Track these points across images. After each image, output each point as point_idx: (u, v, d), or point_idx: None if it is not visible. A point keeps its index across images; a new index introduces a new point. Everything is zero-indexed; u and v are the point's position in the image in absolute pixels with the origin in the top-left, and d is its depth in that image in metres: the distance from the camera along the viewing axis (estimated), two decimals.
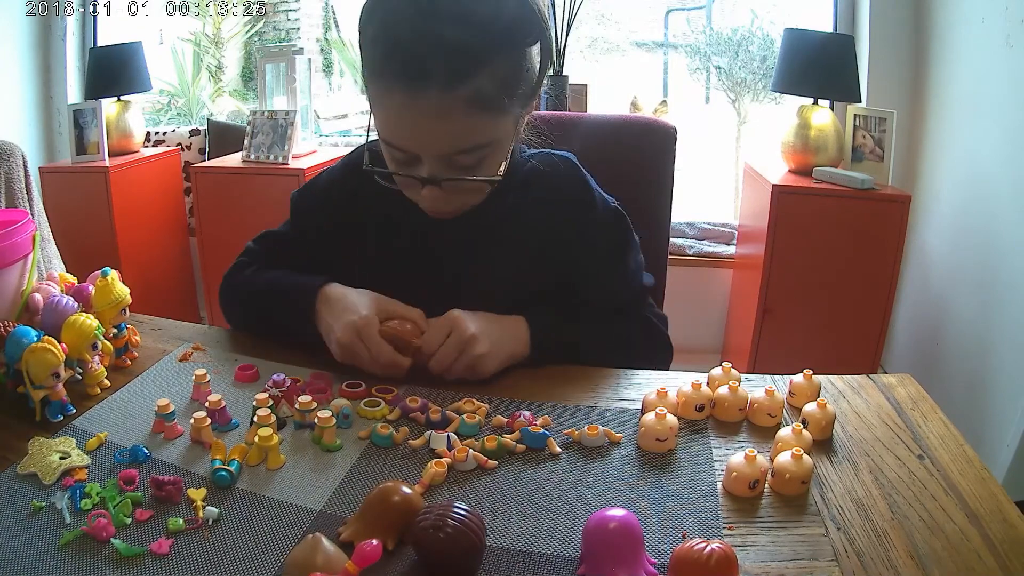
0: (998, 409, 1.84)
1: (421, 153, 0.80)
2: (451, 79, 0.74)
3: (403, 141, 0.80)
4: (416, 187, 0.84)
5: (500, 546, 0.57)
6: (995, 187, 1.93)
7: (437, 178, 0.81)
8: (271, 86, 2.55)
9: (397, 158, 0.83)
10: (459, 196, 0.85)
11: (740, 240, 2.56)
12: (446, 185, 0.82)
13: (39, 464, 0.65)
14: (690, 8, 2.99)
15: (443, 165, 0.81)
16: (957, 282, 2.09)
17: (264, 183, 2.35)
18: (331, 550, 0.51)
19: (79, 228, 2.48)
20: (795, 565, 0.55)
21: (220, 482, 0.63)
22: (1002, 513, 0.60)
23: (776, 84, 2.23)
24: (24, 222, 0.84)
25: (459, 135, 0.79)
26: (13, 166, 1.94)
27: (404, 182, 0.86)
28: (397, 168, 0.84)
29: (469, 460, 0.66)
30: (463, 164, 0.81)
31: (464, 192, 0.85)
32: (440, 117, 0.76)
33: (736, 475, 0.63)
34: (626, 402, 0.79)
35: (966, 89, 2.08)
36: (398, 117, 0.78)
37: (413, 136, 0.79)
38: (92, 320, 0.78)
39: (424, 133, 0.78)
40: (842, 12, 2.45)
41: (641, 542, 0.54)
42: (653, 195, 1.24)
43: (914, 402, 0.79)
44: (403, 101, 0.76)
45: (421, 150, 0.80)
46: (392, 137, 0.81)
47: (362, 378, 0.82)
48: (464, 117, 0.77)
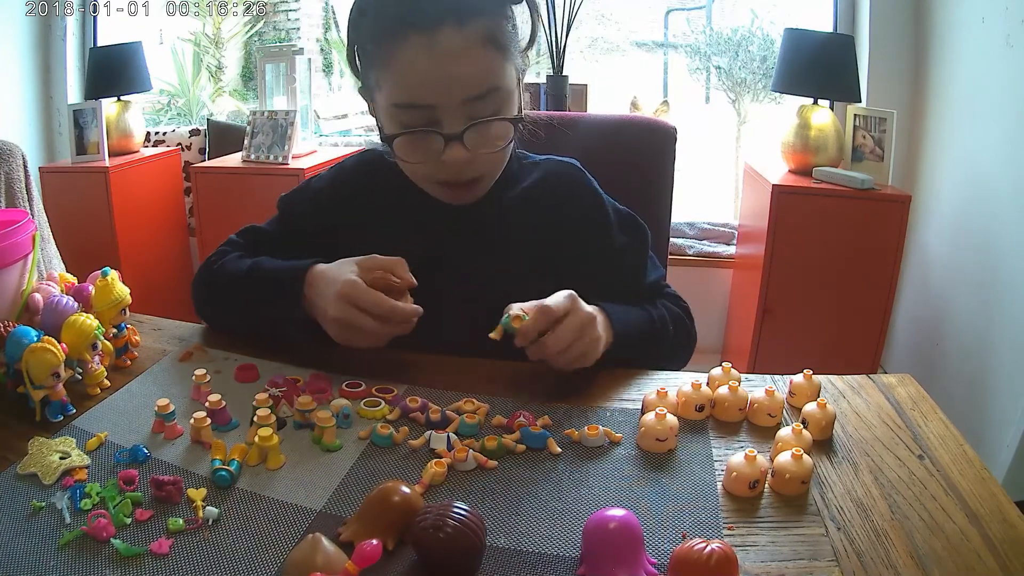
0: (998, 409, 1.84)
1: (440, 102, 0.81)
2: (463, 15, 0.79)
3: (423, 92, 0.81)
4: (437, 157, 0.84)
5: (500, 546, 0.57)
6: (995, 187, 1.93)
7: (459, 131, 0.82)
8: (271, 86, 2.55)
9: (415, 121, 0.83)
10: (481, 160, 0.86)
11: (740, 240, 2.56)
12: (468, 137, 0.82)
13: (39, 464, 0.65)
14: (690, 8, 2.99)
15: (462, 118, 0.82)
16: (957, 282, 2.09)
17: (264, 183, 2.35)
18: (331, 550, 0.51)
19: (79, 228, 2.49)
20: (795, 565, 0.55)
21: (220, 482, 0.63)
22: (1002, 513, 0.60)
23: (776, 84, 2.23)
24: (24, 222, 0.84)
25: (476, 75, 0.81)
26: (13, 166, 1.94)
27: (420, 156, 0.85)
28: (414, 138, 0.84)
29: (469, 460, 0.66)
30: (481, 113, 0.83)
31: (488, 150, 0.85)
32: (458, 55, 0.79)
33: (736, 475, 0.63)
34: (626, 402, 0.79)
35: (966, 89, 2.08)
36: (416, 66, 0.80)
37: (433, 82, 0.80)
38: (92, 320, 0.78)
39: (443, 77, 0.80)
40: (842, 12, 2.45)
41: (641, 542, 0.54)
42: (653, 195, 1.24)
43: (914, 402, 0.79)
44: (420, 46, 0.79)
45: (441, 98, 0.81)
46: (411, 92, 0.82)
47: (362, 378, 0.82)
48: (479, 54, 0.81)
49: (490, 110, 0.83)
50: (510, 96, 0.85)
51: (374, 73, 0.85)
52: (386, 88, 0.83)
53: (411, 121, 0.83)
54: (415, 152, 0.86)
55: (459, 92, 0.81)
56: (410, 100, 0.82)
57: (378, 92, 0.86)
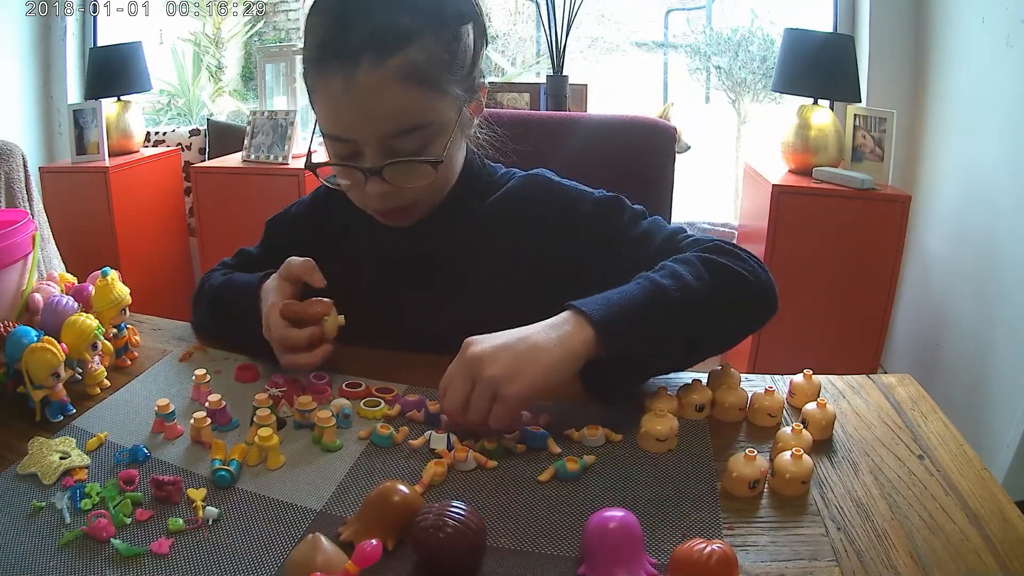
0: (998, 409, 1.84)
1: (360, 139, 0.79)
2: (380, 52, 0.75)
3: (343, 127, 0.80)
4: (361, 187, 0.82)
5: (500, 546, 0.57)
6: (995, 187, 1.93)
7: (377, 167, 0.79)
8: (271, 86, 2.55)
9: (340, 153, 0.82)
10: (405, 191, 0.82)
11: (740, 240, 2.56)
12: (388, 173, 0.80)
13: (39, 464, 0.65)
14: (690, 8, 3.00)
15: (384, 153, 0.80)
16: (957, 282, 2.09)
17: (264, 183, 2.35)
18: (331, 550, 0.51)
19: (79, 228, 2.49)
20: (795, 565, 0.55)
21: (220, 482, 0.63)
22: (1002, 513, 0.60)
23: (776, 84, 2.23)
24: (24, 222, 0.84)
25: (395, 113, 0.78)
26: (13, 166, 1.94)
27: (350, 183, 0.84)
28: (340, 169, 0.84)
29: (469, 460, 0.66)
30: (404, 150, 0.80)
31: (409, 186, 0.82)
32: (374, 93, 0.76)
33: (736, 475, 0.63)
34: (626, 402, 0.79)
35: (966, 89, 2.08)
36: (335, 102, 0.78)
37: (351, 120, 0.78)
38: (92, 320, 0.78)
39: (361, 115, 0.78)
40: (842, 12, 2.45)
41: (641, 542, 0.54)
42: (653, 195, 1.24)
43: (914, 402, 0.79)
44: (339, 84, 0.76)
45: (360, 134, 0.79)
46: (332, 126, 0.80)
47: (362, 378, 0.82)
48: (398, 92, 0.77)
49: (413, 147, 0.80)
50: (441, 130, 0.82)
51: (310, 89, 0.83)
52: (317, 115, 0.83)
53: (338, 151, 0.82)
54: (343, 181, 0.85)
55: (375, 130, 0.78)
56: (332, 132, 0.81)
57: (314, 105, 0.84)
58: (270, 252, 1.01)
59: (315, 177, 0.89)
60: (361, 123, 0.78)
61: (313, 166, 0.85)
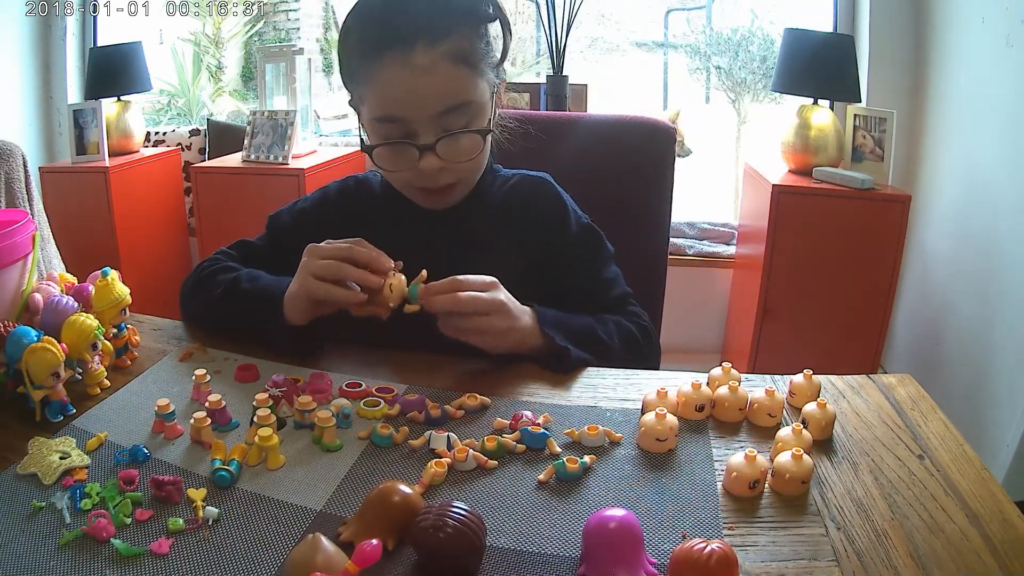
0: (998, 409, 1.84)
1: (414, 116, 0.87)
2: (433, 35, 0.85)
3: (398, 106, 0.87)
4: (414, 165, 0.89)
5: (500, 546, 0.57)
6: (995, 187, 1.93)
7: (431, 142, 0.88)
8: (271, 86, 2.55)
9: (392, 135, 0.89)
10: (455, 168, 0.91)
11: (740, 240, 2.56)
12: (442, 148, 0.88)
13: (39, 464, 0.65)
14: (690, 8, 3.00)
15: (435, 130, 0.88)
16: (957, 282, 2.09)
17: (264, 183, 2.35)
18: (331, 550, 0.51)
19: (79, 228, 2.49)
20: (795, 565, 0.55)
21: (220, 482, 0.63)
22: (1002, 513, 0.60)
23: (776, 84, 2.23)
24: (24, 222, 0.84)
25: (447, 91, 0.87)
26: (13, 166, 1.94)
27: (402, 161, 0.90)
28: (392, 149, 0.90)
29: (469, 460, 0.66)
30: (454, 125, 0.89)
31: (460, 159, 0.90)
32: (429, 72, 0.85)
33: (736, 475, 0.63)
34: (626, 402, 0.79)
35: (966, 89, 2.08)
36: (392, 83, 0.86)
37: (407, 98, 0.86)
38: (92, 320, 0.78)
39: (416, 93, 0.86)
40: (842, 12, 2.45)
41: (641, 542, 0.54)
42: (653, 195, 1.24)
43: (914, 402, 0.79)
44: (394, 65, 0.85)
45: (414, 111, 0.87)
46: (388, 106, 0.88)
47: (362, 378, 0.82)
48: (450, 70, 0.86)
49: (461, 123, 0.89)
50: (482, 109, 0.91)
51: (358, 89, 0.91)
52: (368, 103, 0.90)
53: (389, 133, 0.89)
54: (394, 161, 0.91)
55: (431, 106, 0.87)
56: (387, 114, 0.88)
57: (362, 106, 0.92)
58: (273, 242, 1.05)
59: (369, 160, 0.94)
60: (418, 100, 0.86)
61: (370, 148, 0.92)
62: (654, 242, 1.25)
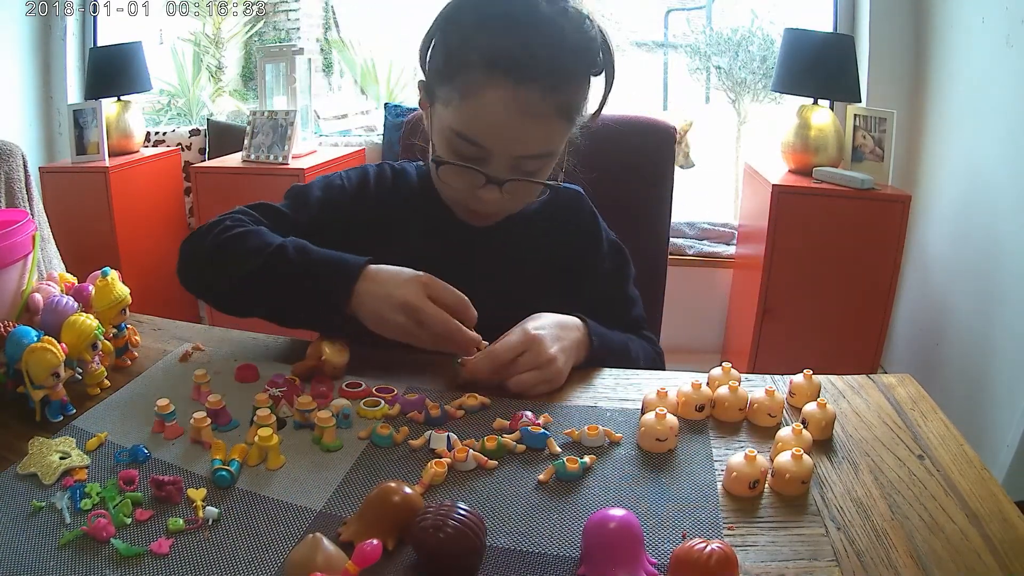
0: (998, 409, 1.84)
1: (499, 150, 0.84)
2: (554, 85, 0.82)
3: (487, 135, 0.84)
4: (473, 189, 0.87)
5: (500, 546, 0.57)
6: (995, 187, 1.93)
7: (502, 179, 0.86)
8: (271, 86, 2.55)
9: (465, 154, 0.86)
10: (511, 201, 0.90)
11: (740, 240, 2.56)
12: (508, 187, 0.86)
13: (39, 464, 0.65)
14: (690, 8, 3.00)
15: (510, 168, 0.86)
16: (957, 282, 2.09)
17: (264, 183, 2.35)
18: (331, 550, 0.51)
19: (79, 228, 2.49)
20: (795, 565, 0.55)
21: (220, 482, 0.63)
22: (1002, 513, 0.60)
23: (776, 84, 2.23)
24: (24, 222, 0.84)
25: (541, 138, 0.85)
26: (13, 166, 1.94)
27: (464, 182, 0.88)
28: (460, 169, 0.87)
29: (469, 460, 0.66)
30: (527, 169, 0.87)
31: (519, 200, 0.91)
32: (535, 116, 0.82)
33: (736, 475, 0.63)
34: (626, 402, 0.79)
35: (966, 89, 2.08)
36: (491, 110, 0.82)
37: (503, 132, 0.83)
38: (92, 320, 0.78)
39: (514, 131, 0.83)
40: (842, 12, 2.45)
41: (641, 542, 0.54)
42: (653, 195, 1.24)
43: (914, 402, 0.79)
44: (504, 95, 0.81)
45: (502, 147, 0.84)
46: (475, 130, 0.84)
47: (362, 378, 0.82)
48: (553, 123, 0.84)
49: (536, 167, 0.88)
50: (554, 158, 0.90)
51: (448, 89, 0.85)
52: (453, 111, 0.85)
53: (463, 150, 0.86)
54: (456, 179, 0.89)
55: (519, 148, 0.85)
56: (474, 136, 0.84)
57: (442, 106, 0.86)
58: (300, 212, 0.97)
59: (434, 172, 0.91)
60: (511, 138, 0.84)
61: (440, 161, 0.88)
62: (654, 242, 1.25)
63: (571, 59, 0.84)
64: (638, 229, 1.23)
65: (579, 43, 0.84)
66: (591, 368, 0.87)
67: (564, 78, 0.83)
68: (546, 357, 0.80)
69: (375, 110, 3.23)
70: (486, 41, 0.82)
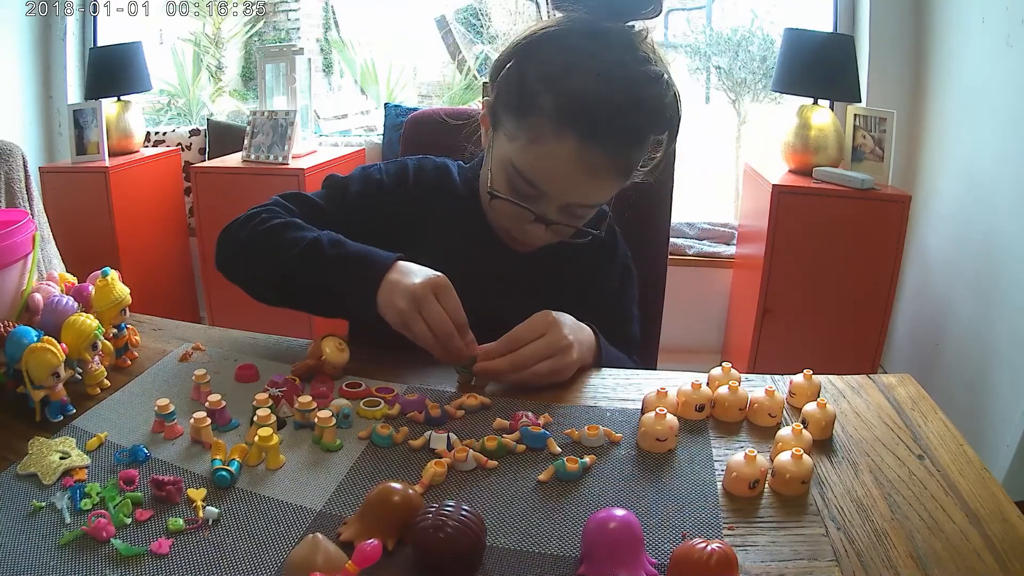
0: (998, 409, 1.84)
1: (554, 195, 0.86)
2: (618, 146, 0.83)
3: (546, 180, 0.85)
4: (521, 222, 0.89)
5: (500, 546, 0.57)
6: (995, 187, 1.93)
7: (551, 221, 0.88)
8: (271, 86, 2.55)
9: (521, 190, 0.87)
10: (553, 237, 0.92)
11: (740, 240, 2.56)
12: (555, 228, 0.89)
13: (39, 464, 0.65)
14: (690, 8, 3.00)
15: (560, 210, 0.88)
16: (957, 282, 2.09)
17: (264, 183, 2.35)
18: (331, 550, 0.51)
19: (79, 228, 2.49)
20: (795, 565, 0.55)
21: (220, 482, 0.63)
22: (1002, 513, 0.60)
23: (776, 84, 2.23)
24: (24, 222, 0.84)
25: (598, 193, 0.88)
26: (13, 166, 1.94)
27: (513, 213, 0.90)
28: (515, 196, 0.88)
29: (469, 460, 0.66)
30: (576, 214, 0.89)
31: (558, 235, 0.92)
32: (596, 175, 0.84)
33: (736, 475, 0.63)
34: (626, 402, 0.79)
35: (966, 89, 2.08)
36: (555, 159, 0.83)
37: (563, 182, 0.85)
38: (92, 320, 0.78)
39: (574, 183, 0.85)
40: (842, 12, 2.45)
41: (641, 542, 0.54)
42: (653, 195, 1.24)
43: (914, 402, 0.79)
44: (571, 148, 0.82)
45: (559, 194, 0.86)
46: (536, 174, 0.85)
47: (362, 378, 0.82)
48: (612, 181, 0.87)
49: (585, 214, 0.91)
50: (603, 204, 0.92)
51: (517, 125, 0.85)
52: (518, 149, 0.86)
53: (519, 187, 0.87)
54: (506, 210, 0.90)
55: (574, 198, 0.87)
56: (531, 178, 0.86)
57: (507, 139, 0.87)
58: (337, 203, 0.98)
59: None
60: (569, 188, 0.86)
61: (495, 195, 0.90)
62: (654, 242, 1.25)
63: (644, 122, 0.84)
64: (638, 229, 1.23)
65: (654, 107, 0.84)
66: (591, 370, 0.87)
67: (632, 141, 0.84)
68: (565, 343, 0.81)
69: (375, 110, 3.23)
70: (563, 89, 0.81)
